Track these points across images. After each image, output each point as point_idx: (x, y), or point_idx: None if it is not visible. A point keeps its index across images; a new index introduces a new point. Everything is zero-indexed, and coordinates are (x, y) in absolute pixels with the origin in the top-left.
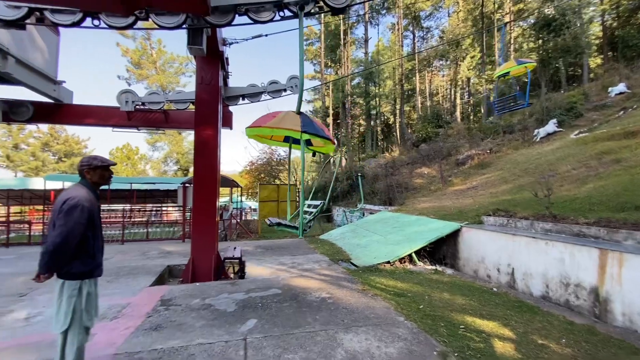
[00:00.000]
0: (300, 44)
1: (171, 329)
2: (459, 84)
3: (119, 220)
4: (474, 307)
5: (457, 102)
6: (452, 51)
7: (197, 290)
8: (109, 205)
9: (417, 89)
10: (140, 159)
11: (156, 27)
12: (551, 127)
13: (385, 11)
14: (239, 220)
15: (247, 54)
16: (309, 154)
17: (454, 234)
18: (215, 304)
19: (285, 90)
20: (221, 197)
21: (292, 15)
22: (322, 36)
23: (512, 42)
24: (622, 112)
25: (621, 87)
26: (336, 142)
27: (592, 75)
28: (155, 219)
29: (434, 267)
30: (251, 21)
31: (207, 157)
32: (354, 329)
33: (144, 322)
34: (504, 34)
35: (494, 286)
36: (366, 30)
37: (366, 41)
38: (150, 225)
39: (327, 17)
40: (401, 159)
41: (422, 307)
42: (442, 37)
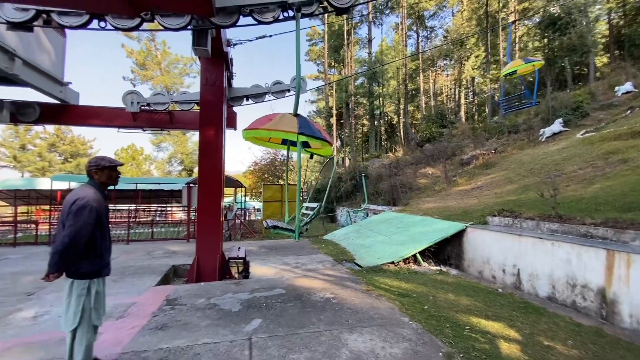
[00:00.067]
0: (297, 46)
1: (177, 329)
2: (464, 83)
3: (125, 220)
4: (479, 308)
5: (462, 101)
6: (456, 51)
7: (202, 289)
8: (115, 205)
9: (421, 89)
10: (145, 159)
11: (161, 28)
12: (557, 126)
13: (389, 11)
14: (243, 220)
15: (251, 54)
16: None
17: (459, 235)
18: (220, 304)
19: (289, 90)
20: (225, 197)
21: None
22: (325, 36)
23: (517, 41)
24: (629, 111)
25: (628, 86)
26: (334, 144)
27: (598, 74)
28: (160, 219)
29: (438, 267)
30: (255, 22)
31: (211, 158)
32: (358, 329)
33: (149, 322)
34: (510, 32)
35: (499, 287)
36: (370, 30)
37: (370, 41)
38: (155, 225)
39: (331, 17)
40: (405, 159)
41: (426, 307)
42: (446, 37)
